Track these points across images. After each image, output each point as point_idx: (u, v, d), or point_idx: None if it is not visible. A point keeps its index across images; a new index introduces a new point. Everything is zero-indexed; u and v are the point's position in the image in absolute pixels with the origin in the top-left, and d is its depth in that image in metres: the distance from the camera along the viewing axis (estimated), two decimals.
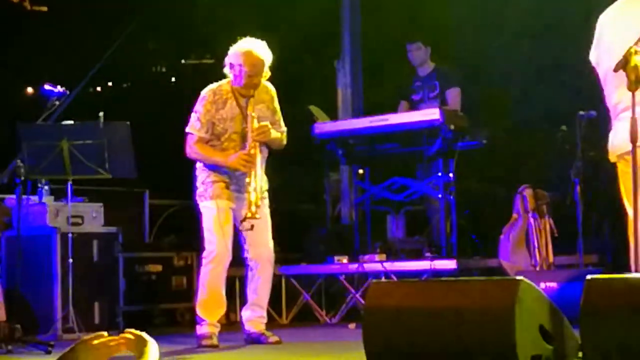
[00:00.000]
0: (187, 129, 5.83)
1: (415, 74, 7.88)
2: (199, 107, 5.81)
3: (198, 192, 5.88)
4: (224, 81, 5.85)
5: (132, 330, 2.91)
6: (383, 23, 8.93)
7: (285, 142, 5.99)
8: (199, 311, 5.87)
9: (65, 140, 6.29)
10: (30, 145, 6.24)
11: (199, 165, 5.91)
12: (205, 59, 12.13)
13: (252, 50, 5.68)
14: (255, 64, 5.67)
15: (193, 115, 5.83)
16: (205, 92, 5.83)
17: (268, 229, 5.87)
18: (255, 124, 5.69)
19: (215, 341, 5.79)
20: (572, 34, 7.97)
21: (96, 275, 6.90)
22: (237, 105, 5.78)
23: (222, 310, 5.90)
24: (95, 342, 2.86)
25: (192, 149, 5.81)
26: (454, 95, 7.65)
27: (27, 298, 6.52)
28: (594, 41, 4.48)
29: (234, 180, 5.81)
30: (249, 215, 5.63)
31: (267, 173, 5.97)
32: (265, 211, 5.86)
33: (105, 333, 2.92)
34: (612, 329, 3.37)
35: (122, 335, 2.90)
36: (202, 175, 5.86)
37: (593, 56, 4.53)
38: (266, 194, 5.91)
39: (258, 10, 8.91)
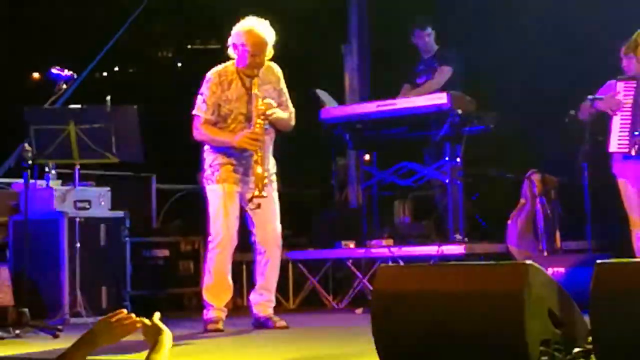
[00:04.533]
0: (194, 112, 5.82)
1: (420, 58, 7.85)
2: (204, 89, 5.79)
3: (205, 174, 5.86)
4: (228, 63, 5.83)
5: (154, 318, 2.92)
6: (391, 6, 8.88)
7: (293, 123, 5.95)
8: (205, 296, 5.86)
9: (73, 125, 6.28)
10: (37, 129, 6.24)
11: (206, 147, 5.89)
12: (211, 43, 12.12)
13: (253, 28, 5.65)
14: (258, 42, 5.64)
15: (199, 97, 5.81)
16: (211, 74, 5.81)
17: (276, 213, 5.85)
18: (260, 103, 5.66)
19: (220, 326, 5.79)
20: (582, 18, 7.96)
21: (103, 259, 6.89)
22: (242, 86, 5.75)
23: (229, 295, 5.89)
24: (114, 319, 2.89)
25: (199, 130, 5.79)
26: (440, 73, 7.58)
27: (34, 283, 6.51)
28: None
29: (242, 162, 5.77)
30: (256, 193, 5.61)
31: (275, 157, 5.96)
32: (274, 195, 5.85)
33: (125, 311, 2.94)
34: (622, 313, 3.35)
35: (140, 318, 2.92)
36: (209, 157, 5.83)
37: None
38: (274, 177, 5.90)
39: None
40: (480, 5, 8.37)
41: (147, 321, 2.94)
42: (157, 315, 2.97)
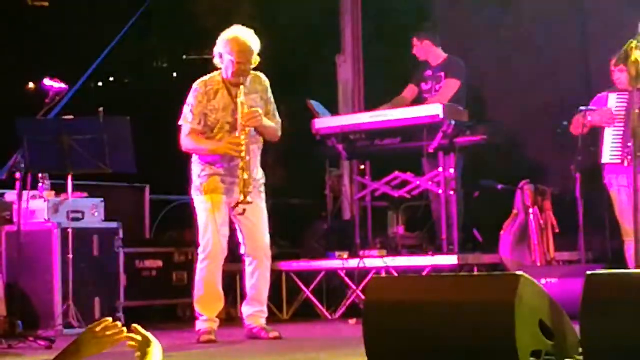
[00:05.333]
0: (180, 122, 5.84)
1: (428, 63, 7.77)
2: (190, 99, 5.80)
3: (194, 185, 5.88)
4: (215, 73, 5.84)
5: (139, 328, 2.91)
6: (385, 17, 8.91)
7: (280, 133, 5.94)
8: (197, 307, 5.88)
9: (66, 135, 6.28)
10: (30, 140, 6.23)
11: (194, 158, 5.90)
12: (205, 54, 12.11)
13: (238, 36, 5.67)
14: (243, 50, 5.65)
15: (185, 107, 5.83)
16: (197, 84, 5.83)
17: (264, 224, 5.85)
18: (246, 110, 5.67)
19: (213, 337, 5.79)
20: (574, 29, 7.99)
21: (96, 270, 6.88)
22: (228, 95, 5.77)
23: (220, 305, 5.89)
24: (99, 329, 2.87)
25: (185, 140, 5.81)
26: (446, 86, 7.53)
27: (27, 293, 6.51)
28: None
29: (229, 172, 5.77)
30: (241, 199, 5.61)
31: (267, 168, 5.96)
32: (262, 206, 5.85)
33: (110, 319, 2.92)
34: (612, 324, 3.36)
35: (128, 333, 2.90)
36: (197, 169, 5.85)
37: None
38: (263, 188, 5.90)
39: (259, 3, 8.89)
40: (476, 17, 8.39)
41: (135, 334, 2.92)
42: (136, 327, 2.95)
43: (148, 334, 2.93)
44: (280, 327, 6.25)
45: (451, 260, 6.91)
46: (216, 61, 5.78)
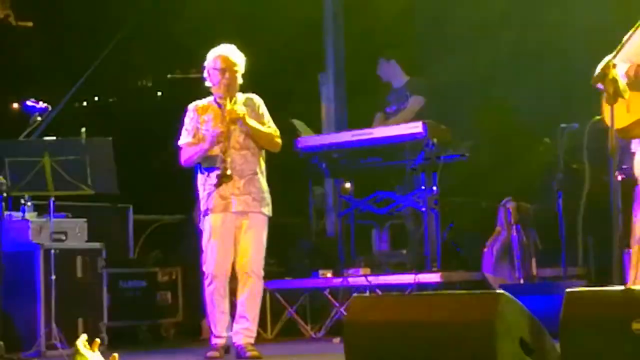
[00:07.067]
0: (179, 143, 6.12)
1: (390, 88, 7.92)
2: (185, 119, 6.12)
3: (201, 208, 6.11)
4: (209, 97, 6.14)
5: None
6: (367, 36, 8.94)
7: (279, 141, 6.12)
8: (209, 324, 6.12)
9: (47, 156, 6.27)
10: (12, 161, 6.22)
11: (198, 179, 6.11)
12: (191, 73, 12.11)
13: (220, 50, 6.03)
14: (225, 60, 5.96)
15: (183, 130, 6.11)
16: (190, 105, 6.16)
17: (258, 243, 6.00)
18: (232, 107, 5.92)
19: (217, 354, 5.92)
20: (554, 46, 8.04)
21: (80, 291, 6.87)
22: (218, 109, 6.04)
23: (224, 322, 6.01)
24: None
25: (183, 155, 6.07)
26: (412, 103, 7.66)
27: (9, 315, 6.48)
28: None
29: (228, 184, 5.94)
30: (224, 178, 5.81)
31: None
32: (258, 223, 6.00)
33: (85, 336, 2.91)
34: (591, 341, 3.38)
35: None
36: (200, 189, 6.10)
37: None
38: (260, 198, 6.02)
39: (242, 23, 8.92)
40: (456, 35, 8.44)
41: None
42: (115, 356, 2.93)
43: None
44: (264, 346, 6.25)
45: (434, 277, 6.91)
46: (207, 83, 6.05)
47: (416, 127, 7.14)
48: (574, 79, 7.53)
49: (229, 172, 5.83)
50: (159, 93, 12.73)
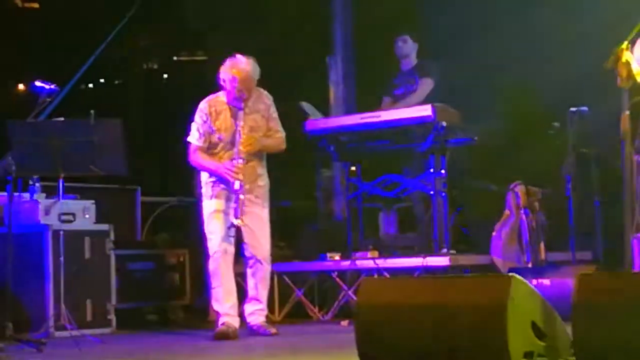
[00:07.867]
0: (188, 138, 6.29)
1: (398, 70, 7.87)
2: (197, 117, 6.26)
3: (202, 191, 6.33)
4: (220, 93, 6.27)
5: None
6: (376, 18, 8.91)
7: (284, 146, 6.38)
8: (214, 306, 6.25)
9: (56, 138, 6.26)
10: (20, 142, 6.21)
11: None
12: (197, 55, 12.12)
13: (238, 65, 6.12)
14: (243, 78, 6.09)
15: (193, 125, 6.25)
16: (203, 103, 6.27)
17: (263, 231, 6.28)
18: (244, 139, 6.11)
19: (229, 332, 6.04)
20: (566, 29, 8.00)
21: (88, 272, 6.88)
22: (231, 117, 6.21)
23: (230, 299, 6.18)
24: None
25: (191, 157, 6.28)
26: (421, 85, 7.61)
27: (18, 296, 6.49)
28: None
29: (229, 185, 6.17)
30: (235, 222, 6.04)
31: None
32: (263, 215, 6.26)
33: None
34: (603, 325, 3.37)
35: None
36: (204, 176, 6.32)
37: None
38: (267, 195, 6.31)
39: (250, 5, 8.90)
40: (466, 17, 8.40)
41: None
42: None
43: None
44: None
45: (443, 261, 6.90)
46: (220, 79, 6.20)
47: (425, 110, 7.11)
48: (584, 63, 7.52)
49: (240, 222, 6.01)
50: (165, 75, 12.76)
